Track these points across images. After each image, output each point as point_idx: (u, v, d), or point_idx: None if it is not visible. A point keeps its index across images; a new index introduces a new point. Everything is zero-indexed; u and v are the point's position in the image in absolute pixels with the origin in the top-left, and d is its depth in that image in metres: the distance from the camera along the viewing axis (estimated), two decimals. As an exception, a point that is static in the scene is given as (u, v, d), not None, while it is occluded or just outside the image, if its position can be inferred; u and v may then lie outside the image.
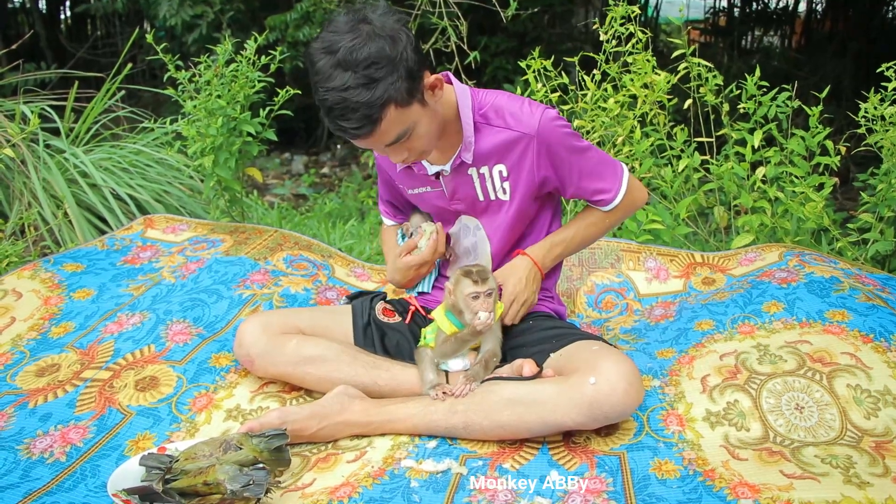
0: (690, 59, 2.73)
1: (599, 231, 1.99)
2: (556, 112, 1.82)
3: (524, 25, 5.68)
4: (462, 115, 1.80)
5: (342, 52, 1.53)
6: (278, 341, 1.87)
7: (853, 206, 3.12)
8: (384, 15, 1.59)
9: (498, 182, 1.86)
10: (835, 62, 6.31)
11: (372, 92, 1.54)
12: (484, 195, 1.89)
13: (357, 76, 1.53)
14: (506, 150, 1.81)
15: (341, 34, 1.55)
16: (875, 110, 2.43)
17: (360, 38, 1.54)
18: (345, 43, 1.53)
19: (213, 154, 2.84)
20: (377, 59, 1.54)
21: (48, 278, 2.35)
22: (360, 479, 1.57)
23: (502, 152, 1.82)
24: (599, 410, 1.56)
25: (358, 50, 1.53)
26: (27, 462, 1.63)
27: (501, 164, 1.83)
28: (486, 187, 1.87)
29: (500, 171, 1.84)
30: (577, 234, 1.97)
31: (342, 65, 1.54)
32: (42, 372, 1.94)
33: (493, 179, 1.86)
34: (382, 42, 1.55)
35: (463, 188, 1.89)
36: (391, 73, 1.55)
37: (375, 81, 1.54)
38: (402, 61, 1.56)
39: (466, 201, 1.92)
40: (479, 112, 1.82)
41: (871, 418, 1.61)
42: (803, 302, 1.96)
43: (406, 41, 1.58)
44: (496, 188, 1.87)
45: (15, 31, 7.29)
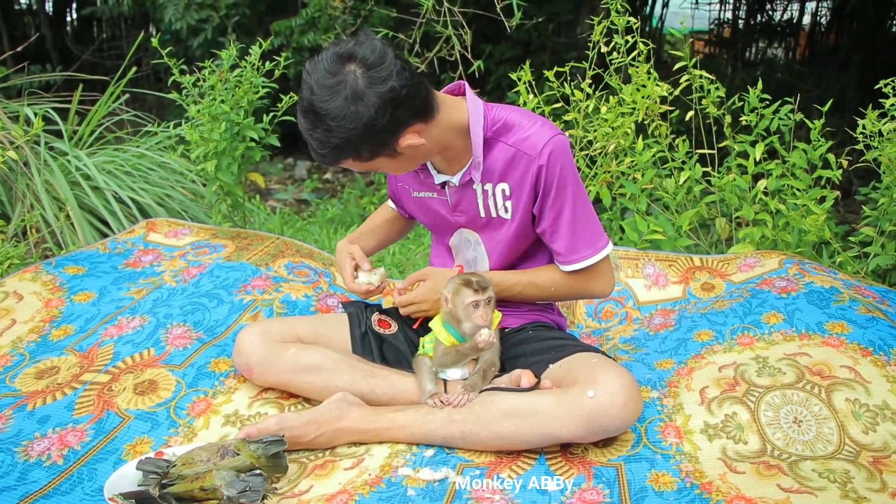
0: (693, 71, 2.73)
1: (550, 292, 1.92)
2: (565, 140, 1.79)
3: (529, 34, 5.69)
4: (472, 134, 1.78)
5: (314, 102, 1.57)
6: (277, 350, 1.86)
7: (855, 219, 3.13)
8: (372, 67, 1.57)
9: (500, 200, 1.84)
10: (839, 75, 6.32)
11: (329, 147, 1.61)
12: (485, 212, 1.88)
13: (318, 129, 1.60)
14: (511, 168, 1.80)
15: (320, 81, 1.57)
16: (873, 126, 2.44)
17: (331, 95, 1.56)
18: (318, 94, 1.57)
19: (215, 159, 2.85)
20: (336, 126, 1.57)
21: (49, 281, 2.35)
22: (357, 486, 1.56)
23: (507, 171, 1.80)
24: (598, 423, 1.56)
25: (325, 106, 1.56)
26: (24, 464, 1.63)
27: (505, 182, 1.82)
28: (489, 204, 1.86)
29: (503, 189, 1.83)
30: (525, 279, 1.91)
31: (310, 111, 1.59)
32: (41, 374, 1.94)
33: (495, 197, 1.84)
34: (349, 107, 1.56)
35: (466, 202, 1.88)
36: (348, 141, 1.60)
37: (332, 139, 1.59)
38: (366, 130, 1.58)
39: (468, 215, 1.91)
40: (492, 128, 1.80)
41: (870, 433, 1.61)
42: (803, 313, 1.96)
43: (375, 111, 1.57)
44: (498, 206, 1.86)
45: (21, 33, 7.32)
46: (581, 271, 1.86)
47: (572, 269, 1.86)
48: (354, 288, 1.93)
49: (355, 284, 1.93)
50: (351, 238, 2.08)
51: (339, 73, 1.56)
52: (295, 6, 5.51)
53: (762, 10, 7.61)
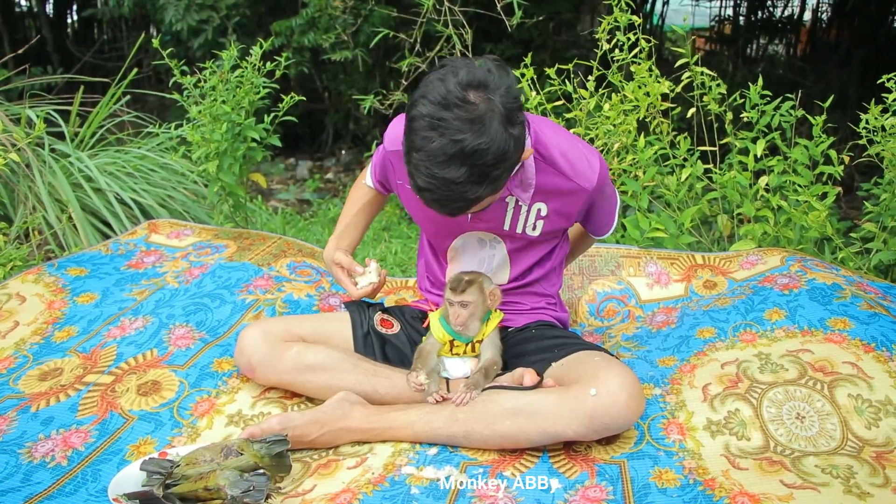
0: (694, 68, 2.73)
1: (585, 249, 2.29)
2: (603, 160, 1.79)
3: (529, 33, 5.67)
4: (527, 163, 1.72)
5: (463, 142, 1.41)
6: (279, 349, 1.86)
7: (857, 215, 3.12)
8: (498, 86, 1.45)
9: (532, 219, 1.82)
10: (840, 71, 6.31)
11: (481, 188, 1.47)
12: (511, 226, 1.84)
13: (472, 172, 1.44)
14: (556, 194, 1.78)
15: (458, 114, 1.42)
16: (875, 121, 2.43)
17: (480, 126, 1.42)
18: (466, 130, 1.42)
19: (217, 159, 2.86)
20: (497, 159, 1.45)
21: (52, 282, 2.36)
22: (360, 485, 1.57)
23: (551, 195, 1.78)
24: (600, 422, 1.57)
25: (479, 137, 1.42)
26: (28, 466, 1.64)
27: (544, 203, 1.79)
28: (518, 219, 1.83)
29: (539, 209, 1.80)
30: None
31: (456, 157, 1.42)
32: (45, 376, 1.94)
33: (528, 215, 1.82)
34: (504, 134, 1.44)
35: (491, 212, 1.81)
36: (505, 169, 1.49)
37: (486, 178, 1.46)
38: (516, 151, 1.49)
39: (489, 224, 1.86)
40: (537, 147, 1.72)
41: (872, 428, 1.61)
42: (805, 309, 1.96)
43: (522, 119, 1.48)
44: (528, 224, 1.83)
45: (22, 35, 7.33)
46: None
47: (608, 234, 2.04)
48: (360, 294, 1.96)
49: (359, 290, 1.95)
50: (334, 240, 2.07)
51: (473, 104, 1.43)
52: (295, 6, 5.51)
53: (763, 7, 7.59)
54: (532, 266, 1.96)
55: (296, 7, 5.46)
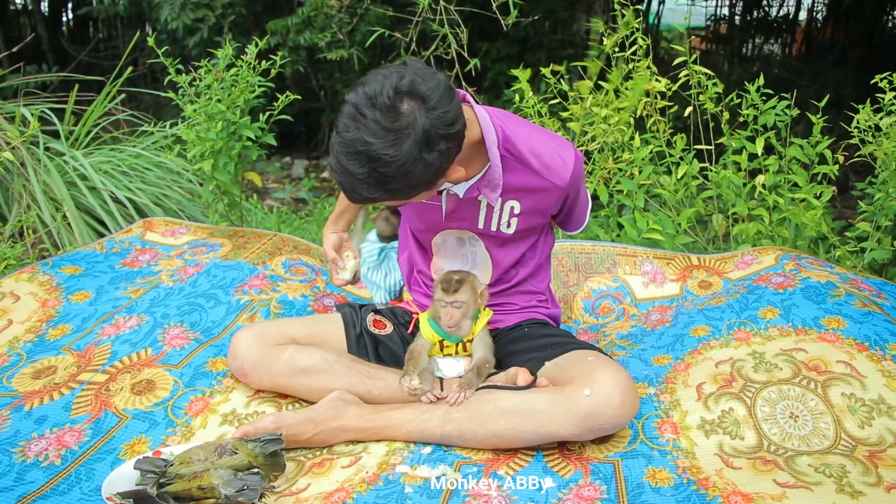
0: (690, 67, 2.73)
1: None
2: (579, 153, 1.78)
3: (525, 31, 5.67)
4: (490, 155, 1.70)
5: (372, 147, 1.40)
6: (272, 352, 1.86)
7: (852, 214, 3.13)
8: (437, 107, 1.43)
9: (507, 217, 1.82)
10: (836, 70, 6.32)
11: (379, 191, 1.46)
12: (485, 224, 1.84)
13: (373, 175, 1.43)
14: (529, 192, 1.77)
15: (380, 117, 1.40)
16: (869, 121, 2.44)
17: (395, 138, 1.40)
18: (379, 136, 1.40)
19: (212, 158, 2.85)
20: (403, 171, 1.43)
21: (46, 281, 2.35)
22: (354, 484, 1.57)
23: (523, 192, 1.77)
24: (594, 422, 1.56)
25: (388, 149, 1.40)
26: (22, 465, 1.63)
27: (517, 201, 1.79)
28: (492, 218, 1.82)
29: (512, 207, 1.80)
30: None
31: (362, 156, 1.41)
32: (38, 374, 1.94)
33: (502, 213, 1.81)
34: (423, 154, 1.42)
35: (465, 211, 1.82)
36: (413, 185, 1.47)
37: (388, 188, 1.46)
38: (434, 174, 1.48)
39: (464, 223, 1.86)
40: (506, 146, 1.71)
41: (865, 427, 1.61)
42: (799, 308, 1.96)
43: (449, 151, 1.47)
44: (502, 222, 1.83)
45: (17, 34, 7.31)
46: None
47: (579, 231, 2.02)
48: (338, 283, 2.09)
49: (337, 281, 2.08)
50: (332, 222, 2.12)
51: (400, 113, 1.41)
52: (291, 5, 5.51)
53: (759, 6, 7.61)
54: (516, 263, 1.95)
55: (292, 6, 5.46)
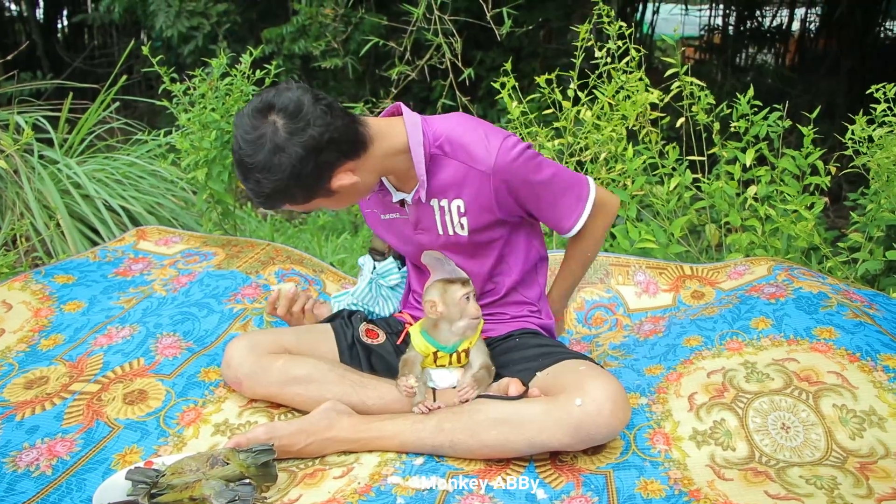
0: (683, 78, 2.75)
1: (585, 256, 2.02)
2: (514, 141, 1.76)
3: (519, 41, 5.69)
4: (413, 154, 1.75)
5: (239, 153, 1.60)
6: (265, 362, 1.86)
7: (844, 224, 3.14)
8: (292, 116, 1.58)
9: (456, 217, 1.82)
10: (828, 80, 6.35)
11: (264, 197, 1.63)
12: (443, 229, 1.85)
13: (250, 180, 1.61)
14: (462, 185, 1.77)
15: (244, 131, 1.59)
16: (862, 132, 2.45)
17: (255, 149, 1.58)
18: (242, 145, 1.59)
19: (206, 167, 2.85)
20: (263, 179, 1.59)
21: (39, 290, 2.35)
22: (346, 495, 1.56)
23: (459, 187, 1.78)
24: (585, 432, 1.56)
25: (249, 157, 1.58)
26: (13, 475, 1.63)
27: (459, 198, 1.79)
28: (446, 221, 1.84)
29: (458, 206, 1.80)
30: (568, 275, 2.07)
31: (240, 165, 1.61)
32: (30, 384, 1.93)
33: (451, 213, 1.82)
34: (271, 158, 1.57)
35: (425, 219, 1.86)
36: (277, 189, 1.61)
37: (264, 189, 1.61)
38: (291, 180, 1.60)
39: (428, 233, 1.88)
40: (435, 144, 1.77)
41: (857, 439, 1.61)
42: (791, 318, 1.97)
43: (301, 157, 1.58)
44: (454, 223, 1.84)
45: (12, 41, 7.31)
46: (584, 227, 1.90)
47: (577, 231, 1.89)
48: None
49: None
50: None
51: (260, 125, 1.58)
52: (286, 14, 5.52)
53: (752, 17, 7.65)
54: (494, 272, 1.94)
55: (286, 14, 5.48)
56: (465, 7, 4.40)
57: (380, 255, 2.14)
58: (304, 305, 2.09)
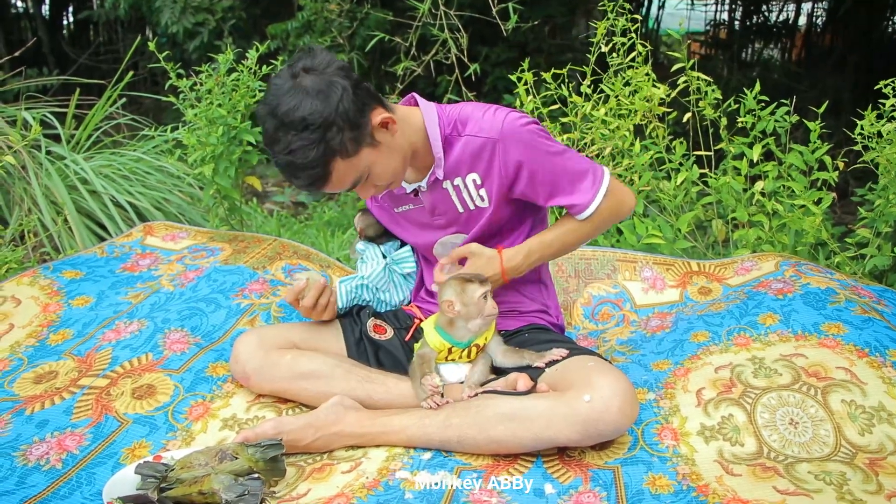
0: (690, 73, 2.74)
1: (579, 238, 1.93)
2: (521, 114, 1.80)
3: (525, 36, 5.69)
4: (430, 134, 1.81)
5: (280, 114, 1.57)
6: (273, 357, 1.87)
7: (852, 220, 3.13)
8: (319, 64, 1.61)
9: (474, 191, 1.86)
10: (835, 76, 6.33)
11: (314, 152, 1.58)
12: (463, 206, 1.89)
13: (298, 138, 1.57)
14: (475, 157, 1.81)
15: (280, 95, 1.59)
16: (871, 127, 2.44)
17: (296, 99, 1.57)
18: (282, 105, 1.57)
19: (212, 162, 2.85)
20: (312, 120, 1.56)
21: (47, 285, 2.35)
22: (354, 489, 1.57)
23: (472, 161, 1.82)
24: (594, 428, 1.57)
25: (293, 112, 1.56)
26: (23, 469, 1.63)
27: (474, 172, 1.83)
28: (464, 198, 1.88)
29: (473, 179, 1.84)
30: (555, 240, 1.91)
31: (282, 128, 1.58)
32: (39, 379, 1.94)
33: (468, 189, 1.86)
34: (315, 101, 1.57)
35: (442, 203, 1.90)
36: (328, 129, 1.58)
37: (314, 143, 1.57)
38: (339, 115, 1.58)
39: (447, 215, 1.92)
40: (449, 125, 1.83)
41: (866, 434, 1.61)
42: (799, 314, 1.96)
43: (341, 91, 1.59)
44: (473, 197, 1.87)
45: (18, 37, 7.32)
46: (597, 211, 1.86)
47: (590, 214, 1.86)
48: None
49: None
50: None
51: (294, 80, 1.59)
52: (291, 9, 5.52)
53: (758, 11, 7.62)
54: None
55: (292, 10, 5.47)
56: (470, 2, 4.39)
57: (378, 240, 2.13)
58: (331, 298, 2.03)
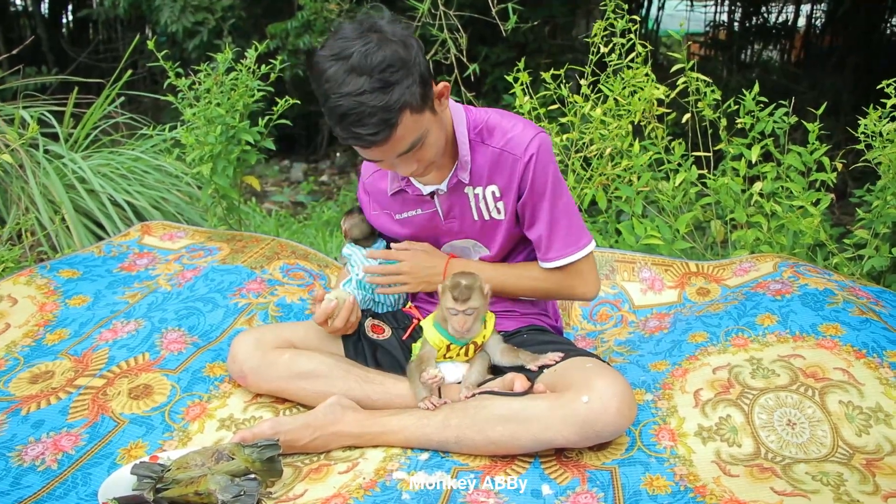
0: (689, 74, 2.74)
1: (534, 289, 1.95)
2: (549, 139, 1.81)
3: (525, 36, 5.69)
4: (458, 134, 1.79)
5: (356, 57, 1.50)
6: (271, 357, 1.87)
7: (850, 221, 3.13)
8: (392, 23, 1.58)
9: (492, 203, 1.86)
10: (834, 77, 6.33)
11: (389, 96, 1.52)
12: (478, 215, 1.88)
13: (373, 80, 1.51)
14: (498, 170, 1.81)
15: (351, 40, 1.52)
16: (874, 126, 2.44)
17: (373, 44, 1.51)
18: (357, 48, 1.51)
19: (211, 162, 2.85)
20: (392, 62, 1.52)
21: (44, 284, 2.35)
22: (351, 490, 1.56)
23: (494, 173, 1.82)
24: (591, 429, 1.56)
25: (372, 54, 1.50)
26: (18, 469, 1.63)
27: (494, 184, 1.83)
28: (481, 207, 1.87)
29: (493, 191, 1.84)
30: (510, 273, 1.93)
31: (356, 70, 1.51)
32: (35, 379, 1.94)
33: (486, 200, 1.85)
34: (395, 46, 1.53)
35: (458, 207, 1.89)
36: (406, 76, 1.54)
37: (391, 85, 1.52)
38: (416, 65, 1.56)
39: (461, 220, 1.91)
40: (475, 130, 1.81)
41: (863, 435, 1.61)
42: (797, 315, 1.96)
43: (417, 46, 1.58)
44: (490, 208, 1.87)
45: (17, 35, 7.32)
46: (562, 269, 1.89)
47: (553, 266, 1.88)
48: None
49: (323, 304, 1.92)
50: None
51: (369, 35, 1.54)
52: (290, 9, 5.51)
53: (757, 13, 7.62)
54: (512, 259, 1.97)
55: (291, 9, 5.47)
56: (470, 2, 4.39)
57: (365, 242, 2.09)
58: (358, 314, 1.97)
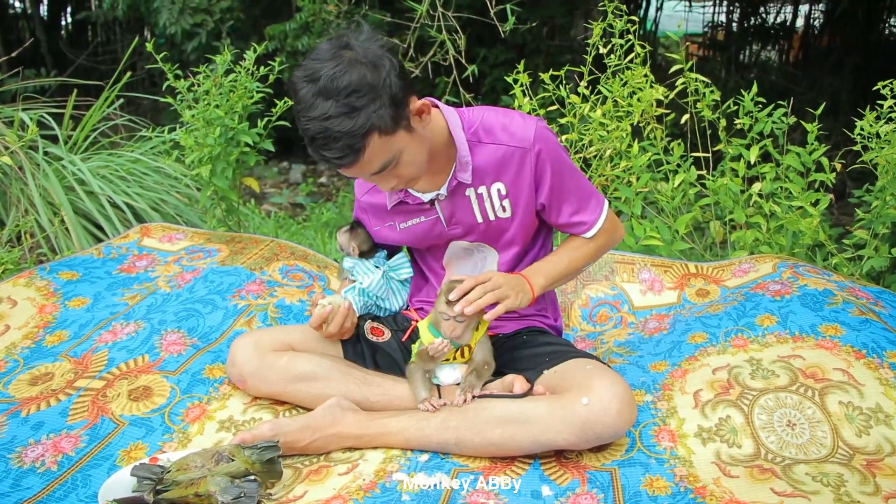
0: (688, 74, 2.74)
1: (587, 257, 1.94)
2: (546, 124, 1.82)
3: (523, 37, 5.69)
4: (455, 136, 1.78)
5: (323, 80, 1.50)
6: (269, 360, 1.86)
7: (849, 221, 3.13)
8: (367, 40, 1.55)
9: (497, 201, 1.84)
10: (832, 77, 6.33)
11: (354, 121, 1.50)
12: (483, 216, 1.86)
13: (338, 105, 1.50)
14: (503, 166, 1.80)
15: (323, 62, 1.52)
16: (871, 127, 2.44)
17: (342, 66, 1.50)
18: (326, 71, 1.50)
19: (210, 163, 2.85)
20: (358, 86, 1.50)
21: (44, 286, 2.35)
22: (351, 491, 1.56)
23: (499, 169, 1.80)
24: (591, 431, 1.57)
25: (339, 78, 1.49)
26: (18, 471, 1.63)
27: (500, 181, 1.81)
28: (485, 207, 1.85)
29: (498, 189, 1.82)
30: (564, 257, 1.92)
31: (323, 93, 1.50)
32: (35, 380, 1.93)
33: (491, 199, 1.83)
34: (364, 69, 1.51)
35: (461, 211, 1.86)
36: (373, 100, 1.52)
37: (357, 110, 1.50)
38: (385, 88, 1.53)
39: (464, 224, 1.88)
40: (470, 131, 1.80)
41: (863, 436, 1.61)
42: (797, 315, 1.96)
43: (389, 67, 1.54)
44: (495, 207, 1.85)
45: (16, 37, 7.32)
46: (600, 230, 1.90)
47: (595, 232, 1.90)
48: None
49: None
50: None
51: (340, 55, 1.52)
52: (289, 10, 5.52)
53: (755, 13, 7.63)
54: (518, 260, 1.95)
55: (290, 11, 5.47)
56: (468, 4, 4.39)
57: (369, 253, 2.08)
58: (354, 319, 1.97)
